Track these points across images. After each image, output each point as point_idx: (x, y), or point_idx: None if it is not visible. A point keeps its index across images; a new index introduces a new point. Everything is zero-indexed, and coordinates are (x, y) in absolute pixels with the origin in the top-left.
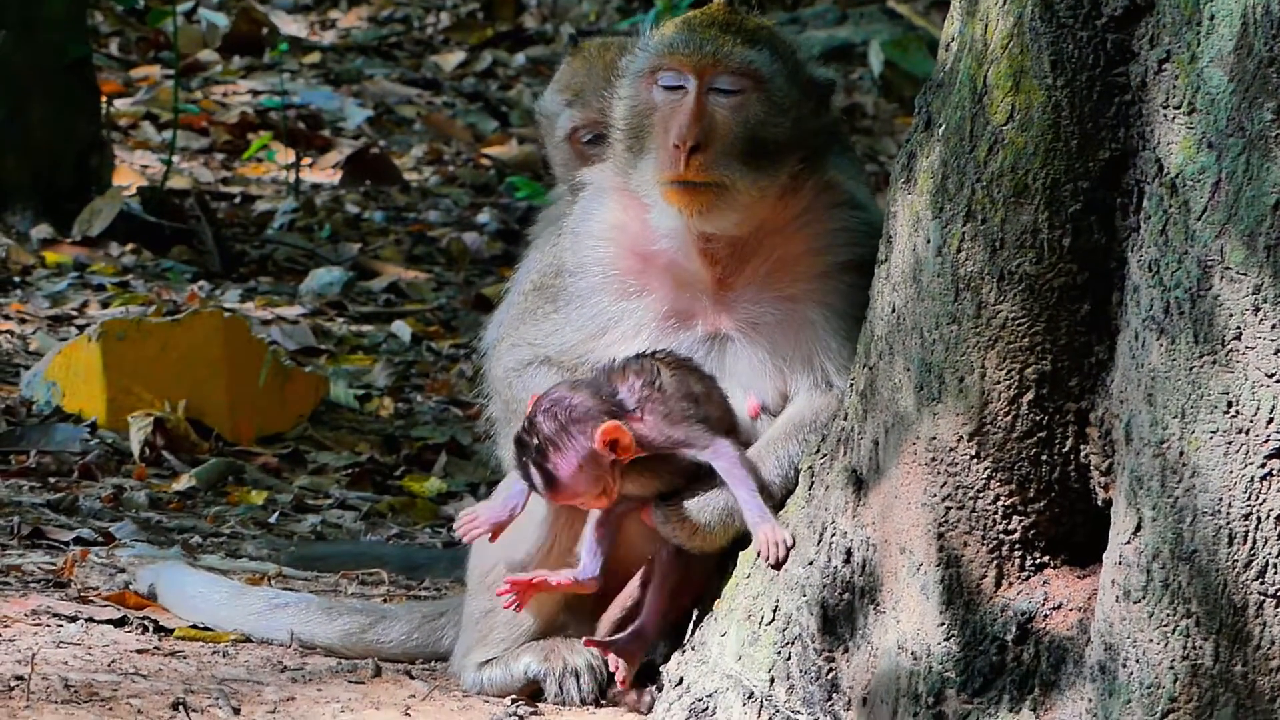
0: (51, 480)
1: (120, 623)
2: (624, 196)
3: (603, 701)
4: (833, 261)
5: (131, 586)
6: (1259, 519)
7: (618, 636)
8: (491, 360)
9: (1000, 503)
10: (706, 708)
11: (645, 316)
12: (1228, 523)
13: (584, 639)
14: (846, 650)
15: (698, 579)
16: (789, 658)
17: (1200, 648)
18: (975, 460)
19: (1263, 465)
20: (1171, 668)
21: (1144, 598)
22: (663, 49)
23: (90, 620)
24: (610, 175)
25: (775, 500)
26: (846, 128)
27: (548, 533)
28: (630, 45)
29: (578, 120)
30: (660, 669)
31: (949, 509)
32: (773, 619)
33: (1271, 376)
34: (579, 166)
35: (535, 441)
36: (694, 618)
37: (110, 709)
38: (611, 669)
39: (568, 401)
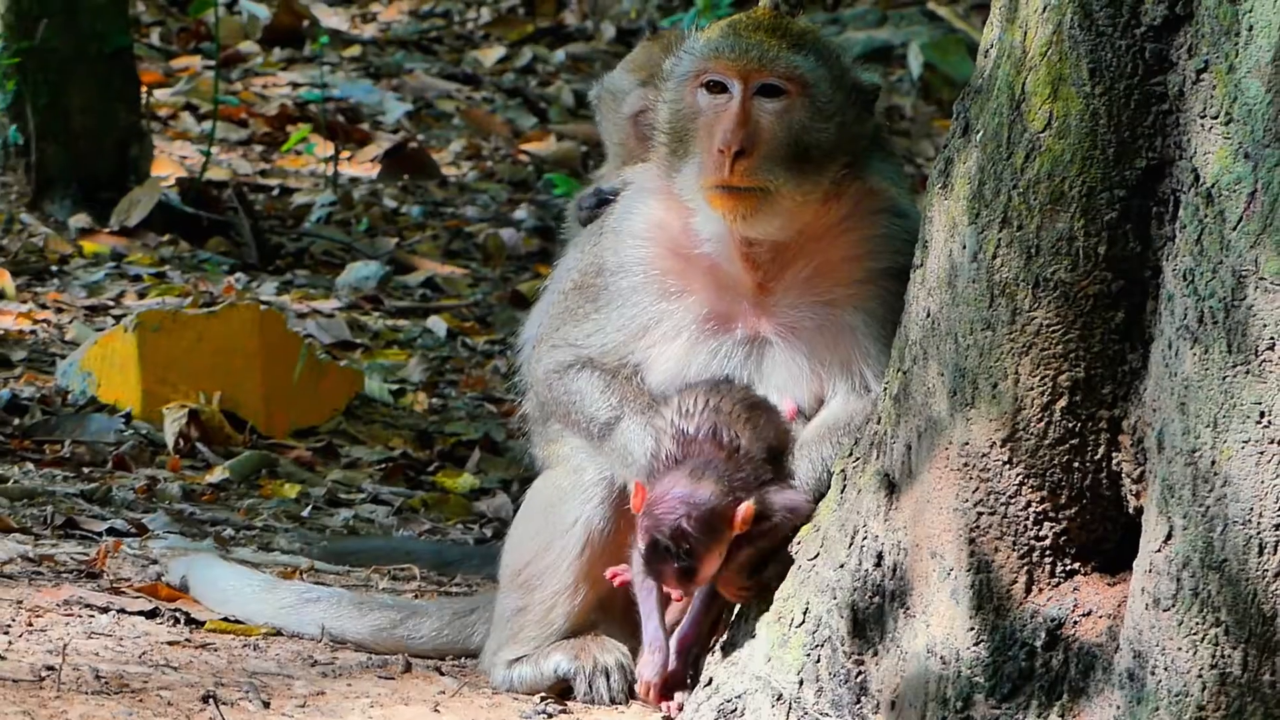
0: (85, 470)
1: (152, 614)
2: (666, 197)
3: (632, 701)
4: (873, 268)
5: (164, 578)
6: None
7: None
8: (531, 360)
9: (1032, 509)
10: (735, 709)
11: (685, 318)
12: (1258, 532)
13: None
14: (876, 654)
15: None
16: (818, 660)
17: (1229, 656)
18: (1007, 466)
19: None
20: (1200, 676)
21: (1173, 606)
22: (708, 53)
23: (122, 611)
24: (653, 176)
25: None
26: (887, 131)
27: (583, 535)
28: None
29: (648, 101)
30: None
31: (980, 514)
32: (803, 621)
33: None
34: (635, 147)
35: (684, 548)
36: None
37: (140, 700)
38: (667, 714)
39: (704, 502)
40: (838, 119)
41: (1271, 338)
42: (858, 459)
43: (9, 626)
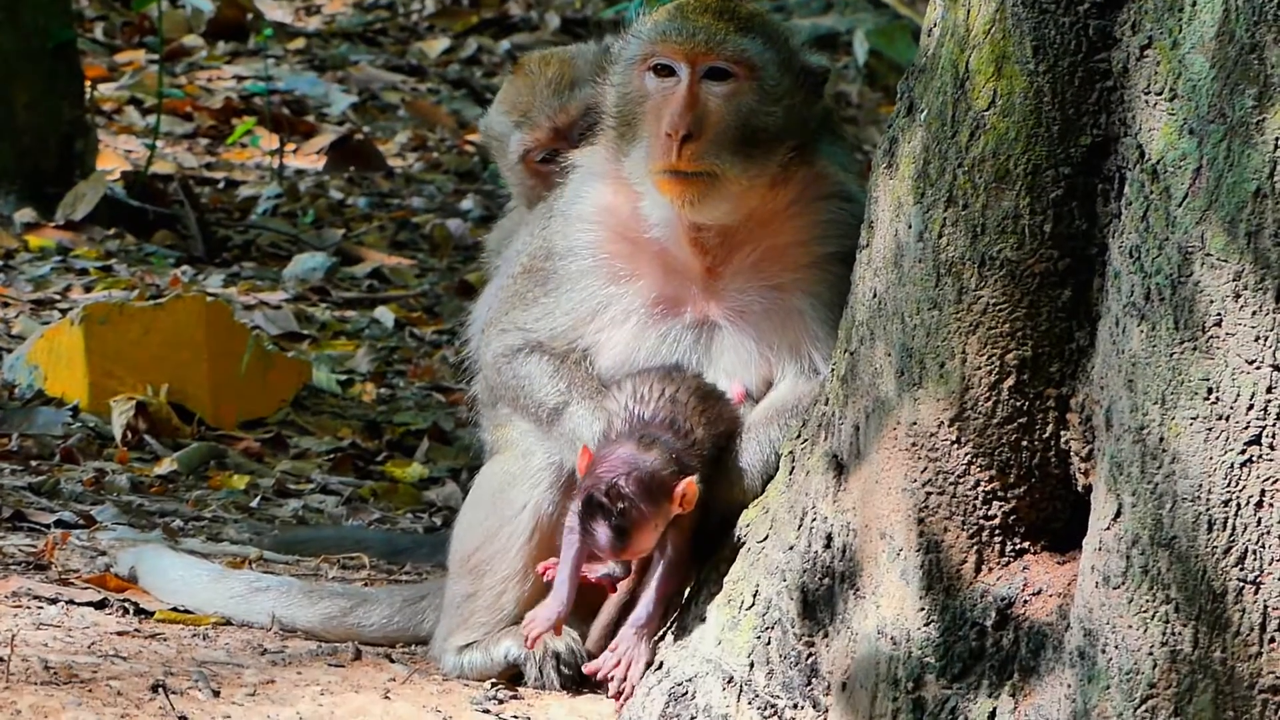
0: (33, 463)
1: (101, 605)
2: (614, 180)
3: (583, 687)
4: (821, 252)
5: (112, 569)
6: (1238, 505)
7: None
8: (480, 344)
9: (980, 488)
10: (686, 692)
11: (634, 301)
12: (1207, 509)
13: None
14: (826, 635)
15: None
16: (769, 642)
17: (1179, 634)
18: (956, 445)
19: (1242, 451)
20: (1150, 653)
21: (1123, 583)
22: (655, 36)
23: (70, 602)
24: (600, 159)
25: (755, 487)
26: (836, 115)
27: (532, 519)
28: (576, 55)
29: (528, 142)
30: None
31: (929, 494)
32: (753, 603)
33: (1251, 363)
34: (536, 186)
35: (619, 507)
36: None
37: (90, 690)
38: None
39: (646, 465)
40: (786, 102)
41: (1218, 313)
42: (806, 440)
43: None
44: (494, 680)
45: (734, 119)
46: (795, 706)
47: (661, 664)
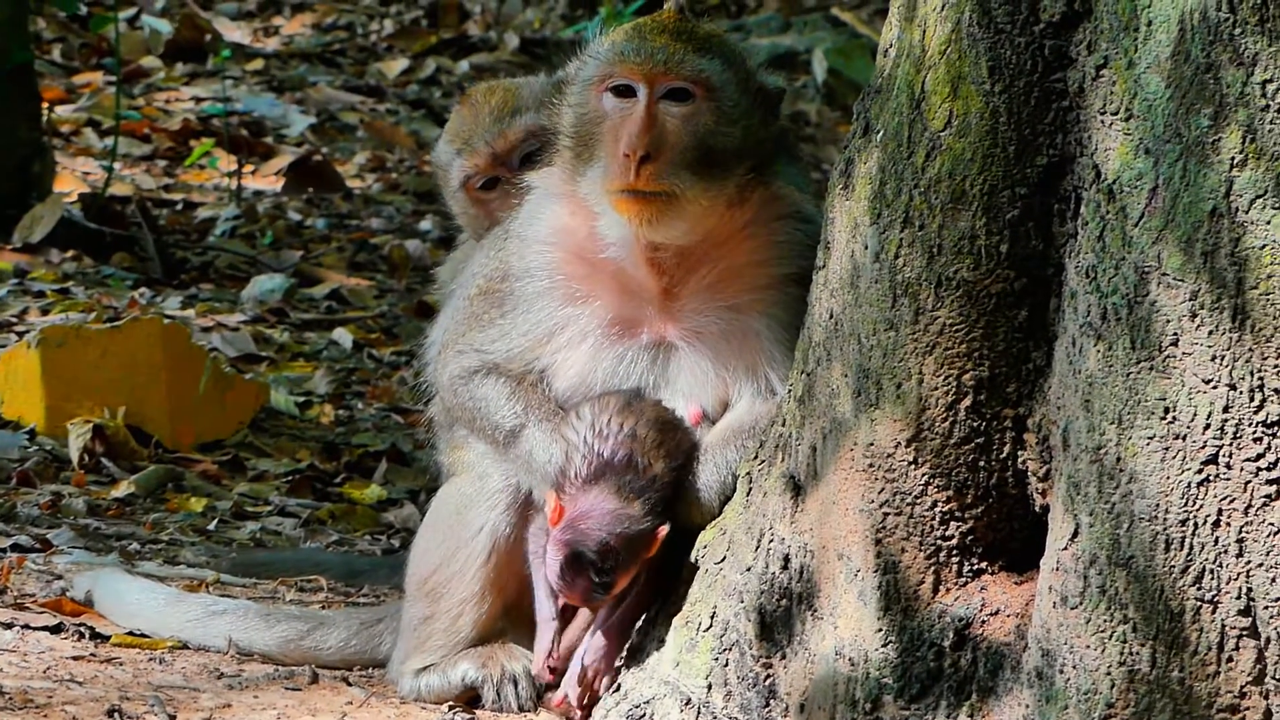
0: None
1: (56, 629)
2: (570, 201)
3: (540, 708)
4: (778, 273)
5: (68, 593)
6: (1195, 524)
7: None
8: (438, 365)
9: (938, 509)
10: (644, 714)
11: (591, 323)
12: (1164, 528)
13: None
14: (784, 656)
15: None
16: (726, 664)
17: (1137, 653)
18: (913, 466)
19: (1199, 471)
20: (1108, 673)
21: (1081, 603)
22: (613, 56)
23: (26, 627)
24: (556, 180)
25: (713, 509)
26: (793, 135)
27: (488, 541)
28: (522, 85)
29: (468, 169)
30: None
31: (887, 515)
32: (710, 625)
33: (1208, 382)
34: (479, 215)
35: (606, 564)
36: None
37: (45, 716)
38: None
39: (633, 521)
40: (743, 123)
41: (1175, 333)
42: (763, 462)
43: None
44: (451, 703)
45: (692, 139)
46: None
47: (619, 686)
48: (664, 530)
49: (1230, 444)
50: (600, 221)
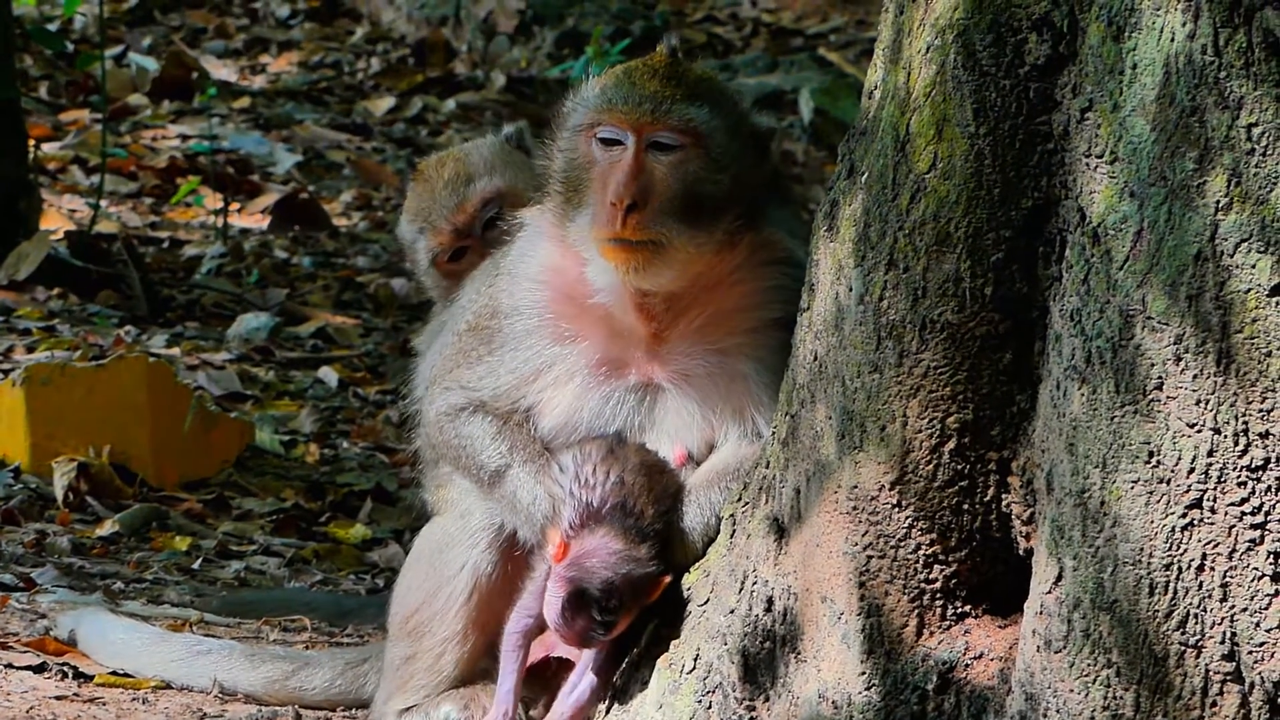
0: None
1: (39, 669)
2: (561, 241)
3: None
4: (766, 317)
5: (52, 632)
6: (1180, 569)
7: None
8: (425, 403)
9: (922, 551)
10: None
11: (578, 362)
12: (1149, 573)
13: None
14: (767, 699)
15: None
16: (709, 706)
17: (1121, 698)
18: (897, 509)
19: (1184, 515)
20: (1092, 718)
21: (1065, 647)
22: (600, 104)
23: (9, 666)
24: (548, 219)
25: (697, 550)
26: (785, 175)
27: (470, 580)
28: (471, 151)
29: (434, 246)
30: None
31: (870, 557)
32: (694, 667)
33: (1193, 426)
34: (452, 286)
35: (612, 604)
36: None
37: None
38: None
39: (642, 563)
40: (733, 170)
41: (1159, 377)
42: (747, 503)
43: None
44: None
45: (680, 188)
46: None
47: None
48: (666, 579)
49: (1215, 488)
50: (589, 267)
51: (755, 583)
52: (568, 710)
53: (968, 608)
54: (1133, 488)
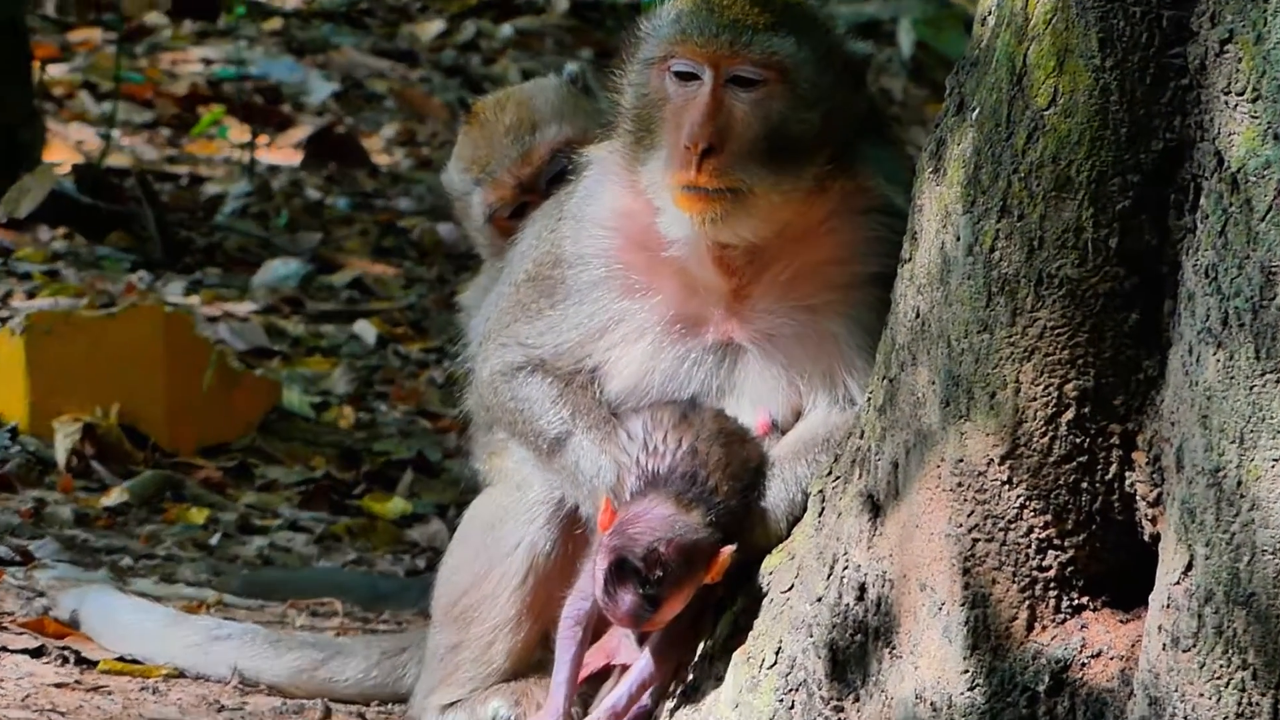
0: None
1: (37, 653)
2: (631, 184)
3: None
4: (861, 272)
5: (51, 613)
6: None
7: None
8: (477, 361)
9: (1034, 535)
10: None
11: (650, 319)
12: None
13: None
14: (857, 699)
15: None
16: (792, 705)
17: (1257, 703)
18: (1007, 486)
19: None
20: None
21: (1194, 646)
22: (675, 34)
23: (3, 650)
24: (617, 159)
25: (780, 530)
26: (883, 110)
27: (526, 560)
28: (534, 94)
29: (493, 200)
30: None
31: (976, 541)
32: (775, 662)
33: None
34: (505, 243)
35: (655, 575)
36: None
37: None
38: None
39: (689, 530)
40: (823, 107)
41: None
42: (838, 478)
43: None
44: None
45: (763, 128)
46: None
47: None
48: (727, 551)
49: None
50: (661, 216)
51: (846, 567)
52: (622, 697)
53: (1085, 599)
54: (1273, 466)
